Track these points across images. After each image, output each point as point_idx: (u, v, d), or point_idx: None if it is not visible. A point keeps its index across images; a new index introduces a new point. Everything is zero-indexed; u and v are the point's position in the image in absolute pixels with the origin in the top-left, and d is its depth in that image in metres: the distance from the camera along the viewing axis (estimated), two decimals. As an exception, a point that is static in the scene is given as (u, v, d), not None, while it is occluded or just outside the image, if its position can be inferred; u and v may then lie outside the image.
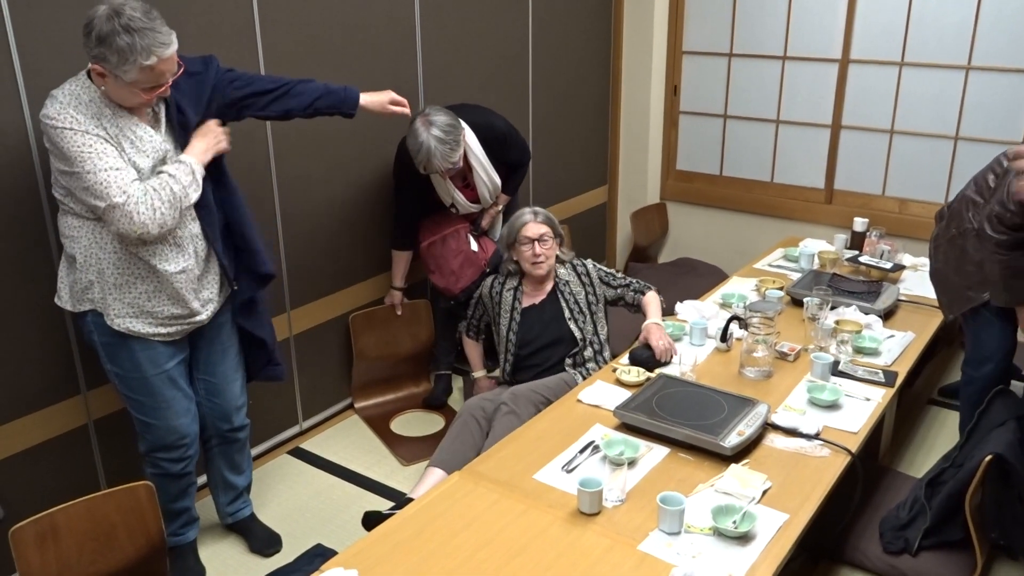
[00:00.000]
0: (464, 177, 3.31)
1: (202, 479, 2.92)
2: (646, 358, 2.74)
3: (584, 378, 2.87)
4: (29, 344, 2.46)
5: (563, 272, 2.98)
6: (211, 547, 2.77)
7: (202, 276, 2.32)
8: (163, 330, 2.29)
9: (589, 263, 3.07)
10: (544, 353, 2.95)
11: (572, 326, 2.93)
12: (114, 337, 2.26)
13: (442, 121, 3.04)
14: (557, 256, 2.98)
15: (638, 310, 3.04)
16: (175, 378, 2.38)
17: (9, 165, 2.32)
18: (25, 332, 2.45)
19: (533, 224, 2.88)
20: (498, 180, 3.36)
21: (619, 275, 3.06)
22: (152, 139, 2.15)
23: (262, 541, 2.75)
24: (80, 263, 2.19)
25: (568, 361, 2.94)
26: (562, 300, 2.92)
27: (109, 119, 2.08)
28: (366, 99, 2.61)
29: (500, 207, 3.49)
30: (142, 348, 2.28)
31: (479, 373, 3.23)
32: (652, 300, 3.00)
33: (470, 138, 3.21)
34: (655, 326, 2.86)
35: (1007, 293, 2.44)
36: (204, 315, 2.37)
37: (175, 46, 2.04)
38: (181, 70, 2.11)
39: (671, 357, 2.76)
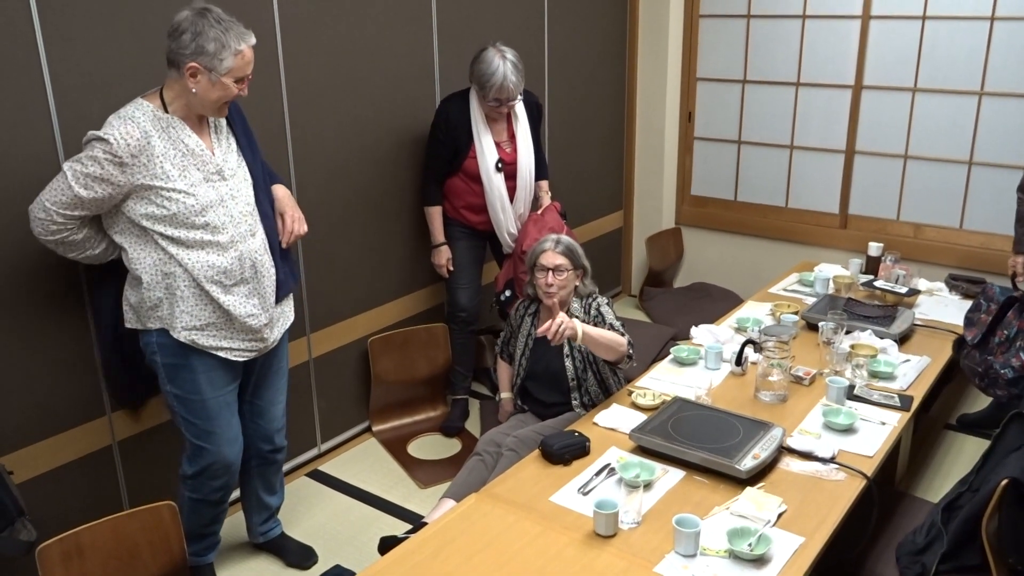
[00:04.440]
0: (506, 148, 3.40)
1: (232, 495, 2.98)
2: (557, 450, 2.43)
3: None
4: (56, 366, 2.52)
5: (576, 307, 2.89)
6: (235, 566, 2.80)
7: (267, 293, 2.38)
8: (227, 344, 2.34)
9: (600, 304, 2.89)
10: (547, 389, 2.94)
11: (568, 363, 2.88)
12: (177, 357, 2.32)
13: (513, 51, 3.22)
14: (577, 288, 2.90)
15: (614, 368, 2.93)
16: (231, 403, 2.45)
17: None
18: (52, 354, 2.50)
19: (551, 253, 2.85)
20: (534, 158, 3.46)
21: (615, 324, 2.83)
22: (204, 152, 2.25)
23: (299, 555, 2.81)
24: (147, 282, 2.26)
25: (575, 401, 2.93)
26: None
27: (160, 134, 2.19)
28: (281, 194, 2.56)
29: (547, 196, 3.58)
30: (204, 370, 2.35)
31: (506, 395, 3.23)
32: (615, 335, 2.77)
33: (517, 104, 3.38)
34: (569, 322, 2.64)
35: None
36: (272, 337, 2.45)
37: (255, 41, 2.21)
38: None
39: (556, 333, 2.58)
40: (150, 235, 2.23)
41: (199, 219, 2.22)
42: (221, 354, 2.35)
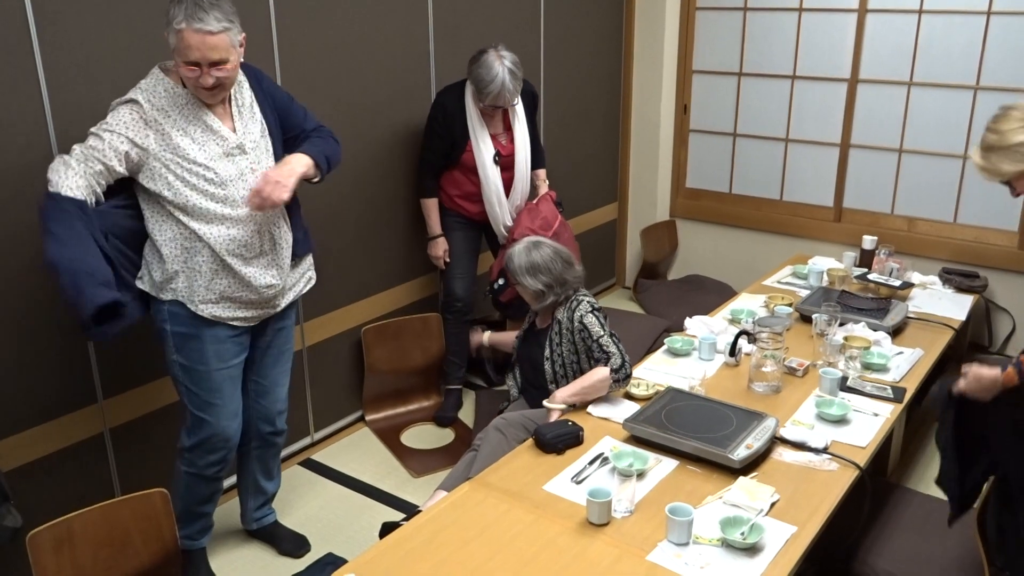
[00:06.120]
0: (503, 140, 3.38)
1: (227, 483, 2.97)
2: (550, 439, 2.43)
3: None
4: (48, 353, 2.51)
5: (560, 313, 2.82)
6: (225, 554, 2.80)
7: (281, 261, 2.41)
8: (241, 314, 2.37)
9: (584, 314, 2.74)
10: (531, 376, 2.94)
11: (547, 366, 2.84)
12: (187, 327, 2.33)
13: (512, 56, 3.19)
14: (552, 301, 2.81)
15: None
16: (235, 377, 2.46)
17: (32, 179, 2.37)
18: (44, 342, 2.49)
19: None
20: (530, 149, 3.44)
21: (602, 338, 2.69)
22: (221, 129, 2.25)
23: (292, 543, 2.81)
24: (166, 255, 2.26)
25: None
26: (548, 338, 2.85)
27: (181, 108, 2.20)
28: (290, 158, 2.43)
29: (544, 184, 3.57)
30: (212, 342, 2.35)
31: (487, 334, 3.27)
32: (592, 374, 2.67)
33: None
34: (555, 414, 2.63)
35: None
36: (283, 302, 2.48)
37: (216, 31, 2.09)
38: (228, 71, 2.16)
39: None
40: (169, 209, 2.24)
41: (219, 191, 2.23)
42: (236, 323, 2.37)
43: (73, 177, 2.09)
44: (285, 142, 2.44)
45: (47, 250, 2.02)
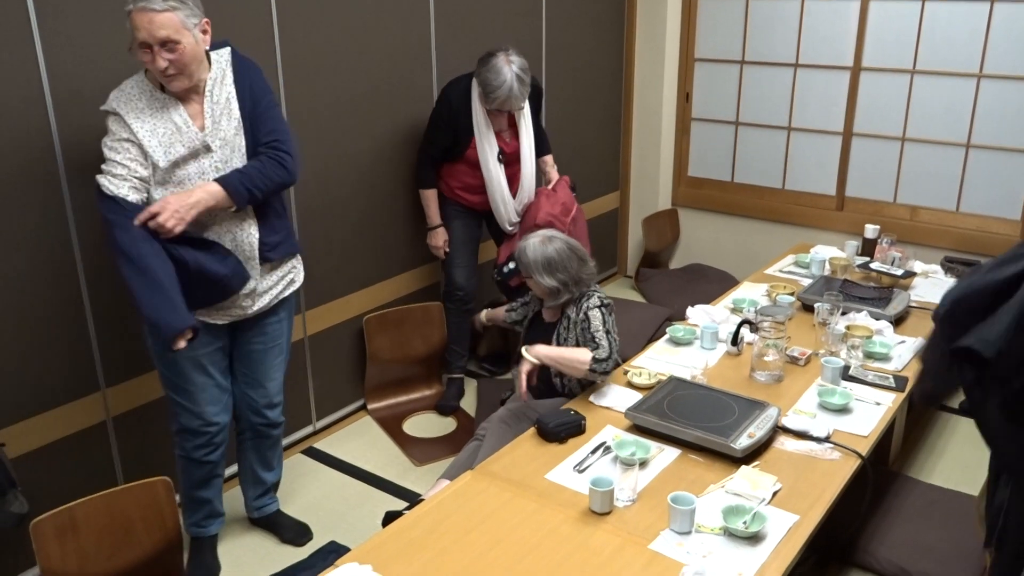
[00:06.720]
0: (507, 138, 3.36)
1: (230, 470, 2.97)
2: (552, 428, 2.43)
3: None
4: (51, 341, 2.51)
5: (571, 310, 2.76)
6: (228, 541, 2.80)
7: (248, 265, 2.36)
8: (203, 309, 2.34)
9: (590, 308, 2.70)
10: (539, 369, 2.93)
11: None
12: None
13: (521, 61, 3.16)
14: (566, 299, 2.77)
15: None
16: (206, 365, 2.43)
17: (34, 170, 2.37)
18: (47, 330, 2.49)
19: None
20: (534, 147, 3.42)
21: (598, 332, 2.64)
22: (189, 129, 2.22)
23: (294, 532, 2.81)
24: None
25: (556, 382, 2.87)
26: (556, 332, 2.81)
27: (156, 110, 2.19)
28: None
29: (554, 170, 3.56)
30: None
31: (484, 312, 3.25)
32: (575, 350, 2.65)
33: None
34: (527, 364, 2.65)
35: None
36: (254, 306, 2.43)
37: (160, 9, 2.07)
38: (181, 53, 2.12)
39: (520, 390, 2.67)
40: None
41: (177, 191, 2.21)
42: (200, 317, 2.34)
43: (123, 185, 2.16)
44: None
45: (133, 284, 2.13)
